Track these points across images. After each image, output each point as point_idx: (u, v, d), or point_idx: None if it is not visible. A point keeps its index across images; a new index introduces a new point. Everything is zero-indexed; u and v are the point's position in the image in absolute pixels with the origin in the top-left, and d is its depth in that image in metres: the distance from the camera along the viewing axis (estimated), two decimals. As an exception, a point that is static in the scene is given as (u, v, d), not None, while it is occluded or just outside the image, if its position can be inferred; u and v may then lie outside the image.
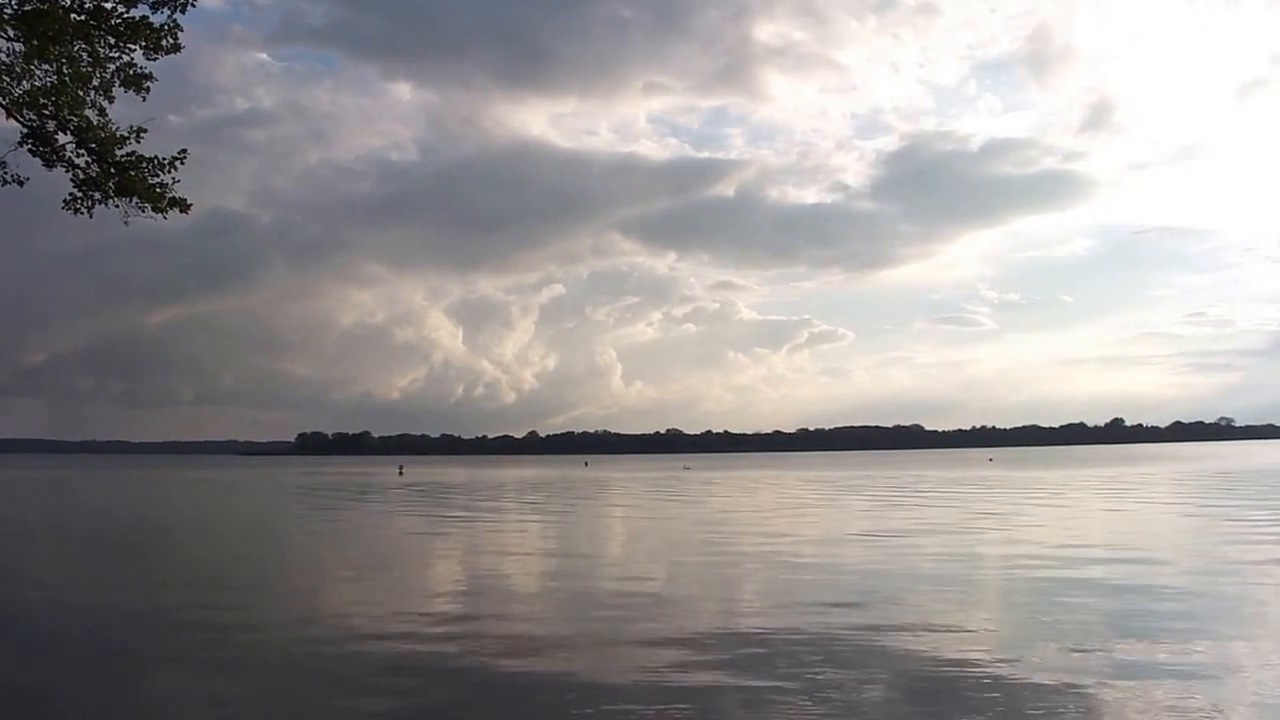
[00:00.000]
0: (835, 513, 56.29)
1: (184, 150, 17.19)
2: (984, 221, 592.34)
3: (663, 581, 27.83)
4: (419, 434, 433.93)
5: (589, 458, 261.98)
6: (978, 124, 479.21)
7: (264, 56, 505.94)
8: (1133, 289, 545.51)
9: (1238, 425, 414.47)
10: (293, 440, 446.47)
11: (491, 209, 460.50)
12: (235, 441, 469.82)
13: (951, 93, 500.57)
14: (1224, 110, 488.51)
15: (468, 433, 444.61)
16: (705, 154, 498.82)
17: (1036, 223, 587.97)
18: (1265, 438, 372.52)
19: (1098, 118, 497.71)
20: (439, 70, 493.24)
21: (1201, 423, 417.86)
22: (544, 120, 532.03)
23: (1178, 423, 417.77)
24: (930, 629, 19.57)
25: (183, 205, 17.50)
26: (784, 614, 21.52)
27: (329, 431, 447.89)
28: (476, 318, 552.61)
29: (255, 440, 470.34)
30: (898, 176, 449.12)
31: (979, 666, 16.27)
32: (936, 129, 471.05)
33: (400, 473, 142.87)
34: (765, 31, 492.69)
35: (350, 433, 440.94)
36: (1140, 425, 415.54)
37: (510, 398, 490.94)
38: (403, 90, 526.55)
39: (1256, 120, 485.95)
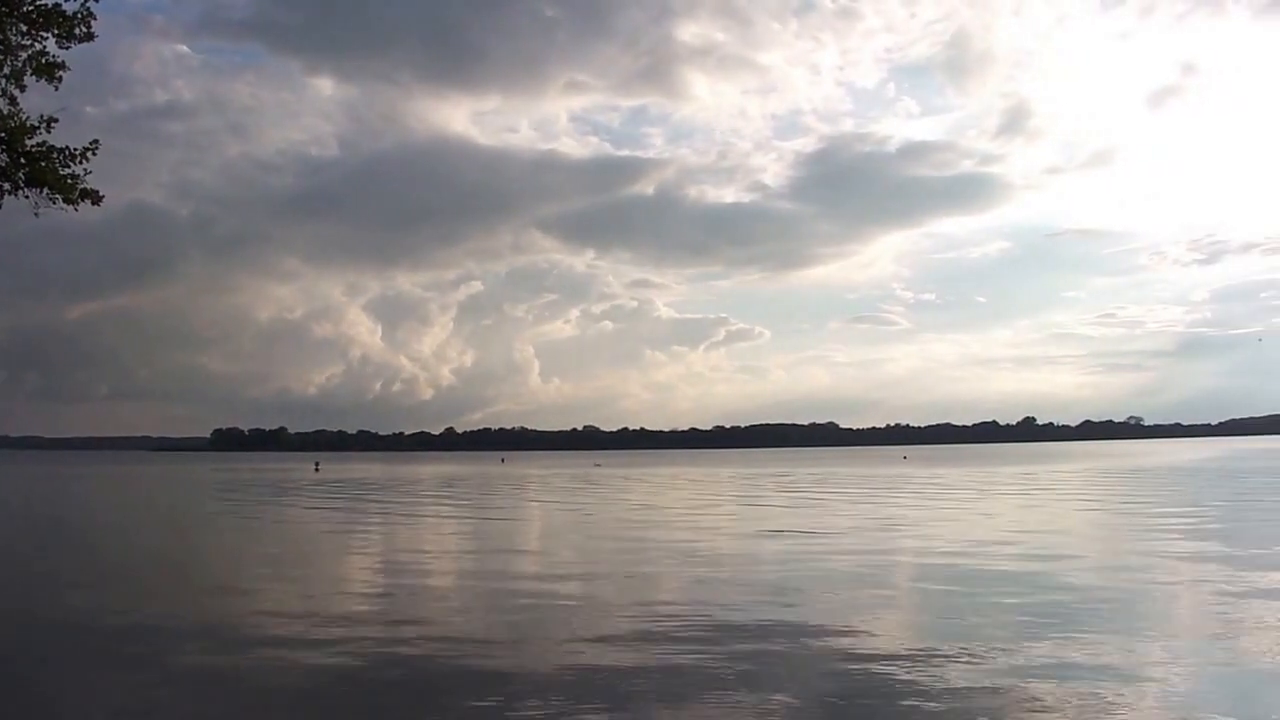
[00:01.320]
0: (748, 510, 56.12)
1: (95, 141, 16.90)
2: (901, 223, 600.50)
3: (576, 578, 27.79)
4: (336, 430, 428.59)
5: (505, 454, 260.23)
6: (896, 126, 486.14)
7: (184, 48, 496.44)
8: (1046, 290, 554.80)
9: (1146, 424, 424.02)
10: (208, 436, 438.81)
11: (411, 205, 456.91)
12: (150, 437, 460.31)
13: (871, 95, 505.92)
14: (1136, 117, 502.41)
15: (385, 429, 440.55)
16: (625, 152, 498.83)
17: (952, 224, 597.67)
18: (1172, 436, 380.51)
19: (1014, 122, 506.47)
20: (362, 65, 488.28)
21: (1111, 421, 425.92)
22: (466, 117, 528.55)
23: (1088, 421, 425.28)
24: (842, 627, 19.62)
25: (94, 197, 17.19)
26: (697, 611, 21.53)
27: (245, 428, 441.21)
28: (395, 314, 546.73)
29: (171, 436, 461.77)
30: (816, 177, 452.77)
31: (889, 664, 16.32)
32: (855, 131, 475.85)
33: (316, 469, 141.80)
34: (687, 32, 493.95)
35: (266, 429, 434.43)
36: (1051, 424, 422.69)
37: (428, 394, 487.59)
38: (324, 85, 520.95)
39: (1167, 128, 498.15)
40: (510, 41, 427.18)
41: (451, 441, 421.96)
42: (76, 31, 16.47)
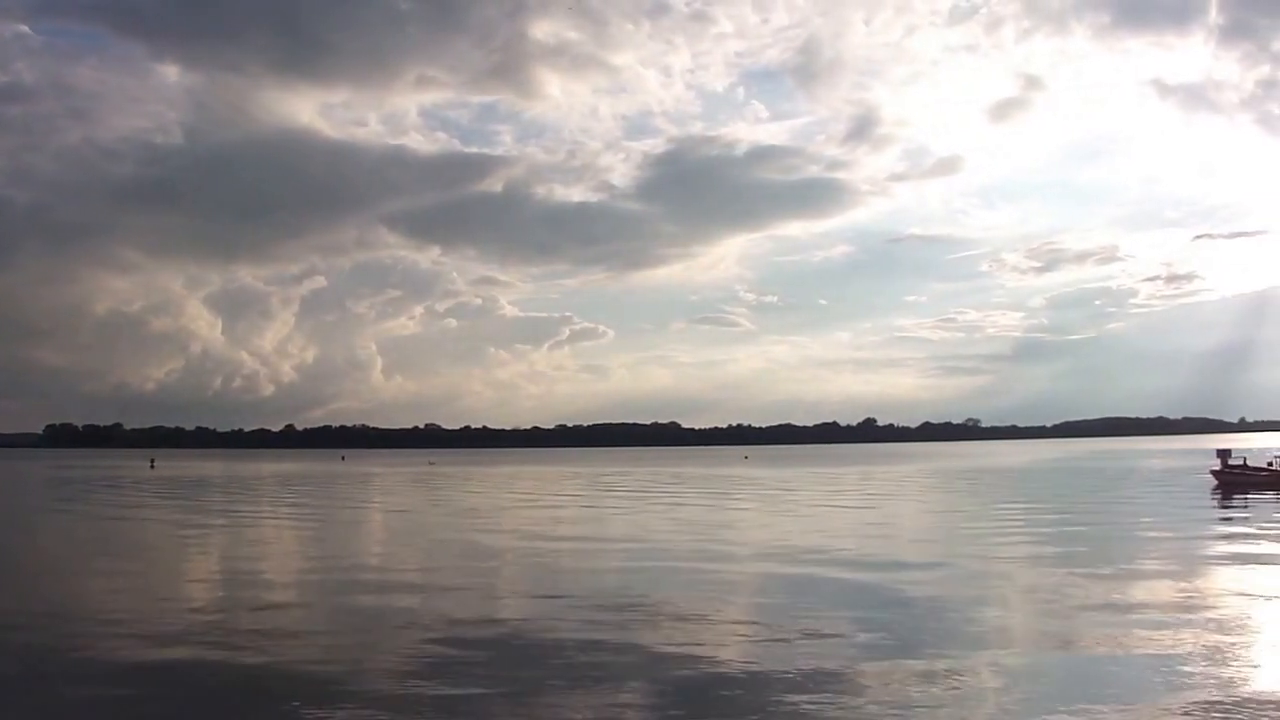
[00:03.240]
0: (586, 510, 56.08)
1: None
2: (746, 225, 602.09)
3: (414, 578, 27.92)
4: (174, 427, 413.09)
5: (346, 452, 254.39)
6: (745, 130, 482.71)
7: (25, 29, 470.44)
8: (887, 294, 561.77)
9: (984, 426, 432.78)
10: (40, 432, 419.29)
11: (255, 197, 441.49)
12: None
13: (721, 99, 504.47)
14: (980, 127, 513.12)
15: (224, 425, 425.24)
16: (474, 149, 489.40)
17: (797, 228, 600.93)
18: (1009, 438, 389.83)
19: (861, 129, 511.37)
20: (209, 53, 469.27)
21: (950, 423, 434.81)
22: (314, 109, 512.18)
23: (927, 423, 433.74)
24: (677, 626, 19.64)
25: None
26: (535, 610, 21.81)
27: (79, 424, 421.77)
28: (236, 308, 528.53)
29: (1, 432, 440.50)
30: (664, 178, 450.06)
31: (723, 665, 16.25)
32: (704, 133, 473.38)
33: (152, 466, 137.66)
34: (541, 30, 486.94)
35: (102, 425, 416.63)
36: (892, 425, 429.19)
37: (268, 390, 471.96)
38: (170, 71, 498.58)
39: (1008, 138, 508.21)
40: (361, 34, 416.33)
41: (292, 439, 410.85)
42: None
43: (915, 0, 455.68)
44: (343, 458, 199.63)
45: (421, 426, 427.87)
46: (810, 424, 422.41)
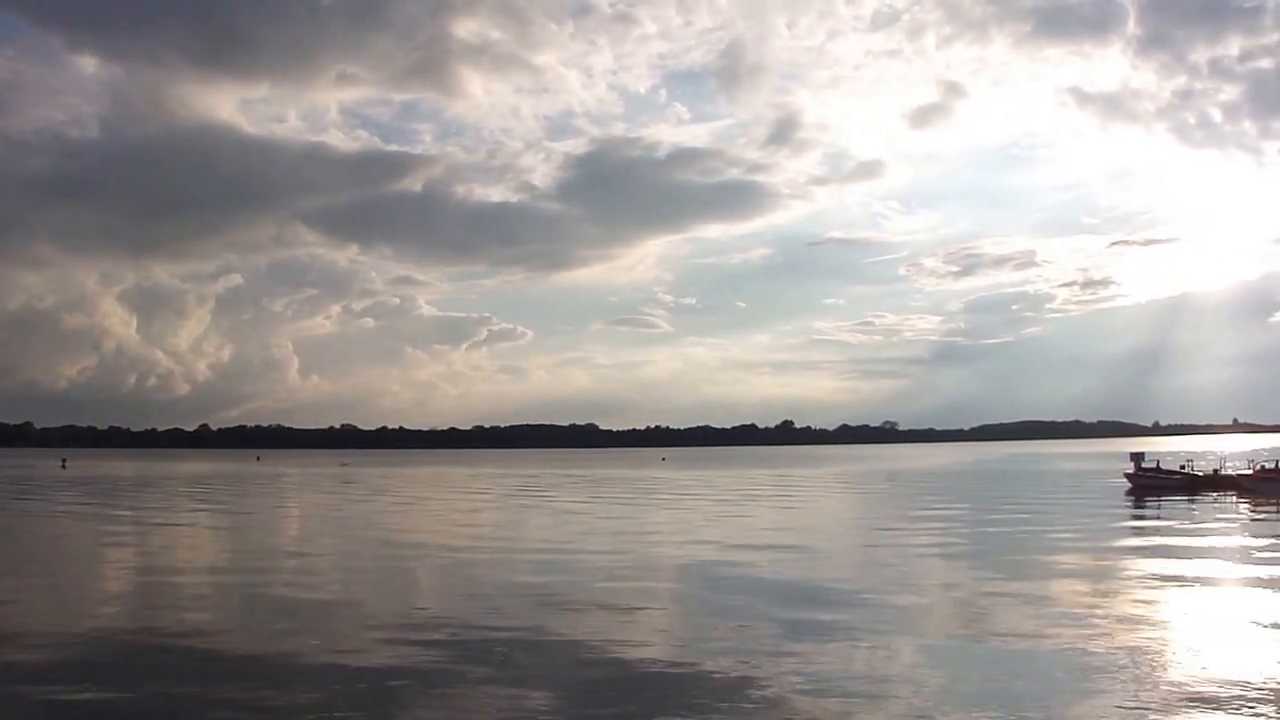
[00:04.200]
0: (501, 513, 55.32)
1: None
2: (666, 227, 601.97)
3: (328, 578, 28.14)
4: (86, 426, 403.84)
5: (261, 452, 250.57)
6: (666, 132, 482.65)
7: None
8: (806, 297, 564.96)
9: (901, 429, 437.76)
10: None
11: (172, 193, 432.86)
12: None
13: (643, 100, 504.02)
14: (900, 132, 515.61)
15: (138, 425, 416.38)
16: (394, 148, 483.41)
17: (717, 230, 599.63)
18: (926, 440, 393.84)
19: (782, 133, 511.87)
20: (128, 45, 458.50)
21: (868, 425, 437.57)
22: (233, 104, 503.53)
23: (845, 425, 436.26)
24: (598, 625, 19.69)
25: None
26: (453, 609, 21.87)
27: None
28: (151, 305, 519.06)
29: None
30: (585, 179, 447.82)
31: (643, 666, 16.26)
32: (625, 135, 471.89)
33: (63, 466, 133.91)
34: (464, 28, 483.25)
35: (11, 424, 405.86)
36: (809, 427, 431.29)
37: (183, 389, 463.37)
38: (88, 63, 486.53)
39: (928, 144, 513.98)
40: (282, 29, 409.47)
41: (206, 439, 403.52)
42: None
43: (838, 5, 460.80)
44: (258, 458, 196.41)
45: (338, 427, 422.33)
46: (728, 426, 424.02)
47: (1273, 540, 34.91)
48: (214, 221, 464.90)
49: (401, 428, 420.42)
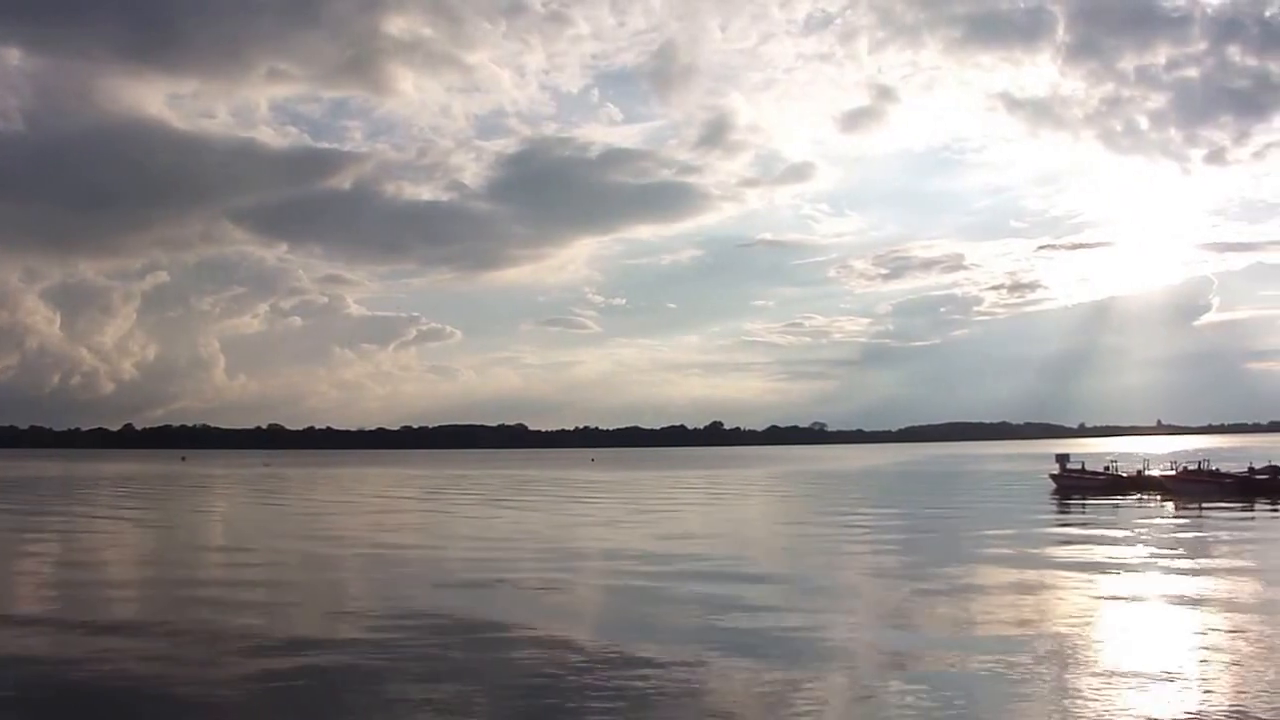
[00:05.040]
0: (434, 515, 54.54)
1: None
2: (596, 228, 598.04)
3: (255, 580, 27.77)
4: (7, 425, 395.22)
5: (187, 452, 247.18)
6: (598, 132, 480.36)
7: None
8: (736, 299, 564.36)
9: (830, 430, 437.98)
10: None
11: (99, 188, 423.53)
12: None
13: (575, 100, 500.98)
14: (831, 135, 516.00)
15: (60, 425, 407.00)
16: (325, 145, 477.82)
17: (647, 231, 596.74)
18: (855, 442, 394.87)
19: (714, 134, 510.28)
20: (54, 37, 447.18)
21: (796, 427, 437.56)
22: (162, 99, 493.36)
23: (774, 426, 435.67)
24: (533, 625, 19.72)
25: None
26: (376, 611, 21.83)
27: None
28: (75, 303, 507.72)
29: None
30: (515, 179, 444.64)
31: (572, 665, 16.33)
32: (557, 135, 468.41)
33: None
34: (396, 26, 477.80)
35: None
36: (738, 429, 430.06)
37: (108, 388, 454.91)
38: (12, 55, 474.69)
39: (859, 147, 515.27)
40: (212, 23, 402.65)
41: (130, 439, 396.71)
42: None
43: (771, 8, 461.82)
44: (183, 458, 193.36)
45: (264, 427, 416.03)
46: (657, 426, 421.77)
47: (1193, 541, 35.20)
48: (141, 218, 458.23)
49: (329, 428, 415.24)
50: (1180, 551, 31.77)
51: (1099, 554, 30.92)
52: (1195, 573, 26.80)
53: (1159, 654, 16.62)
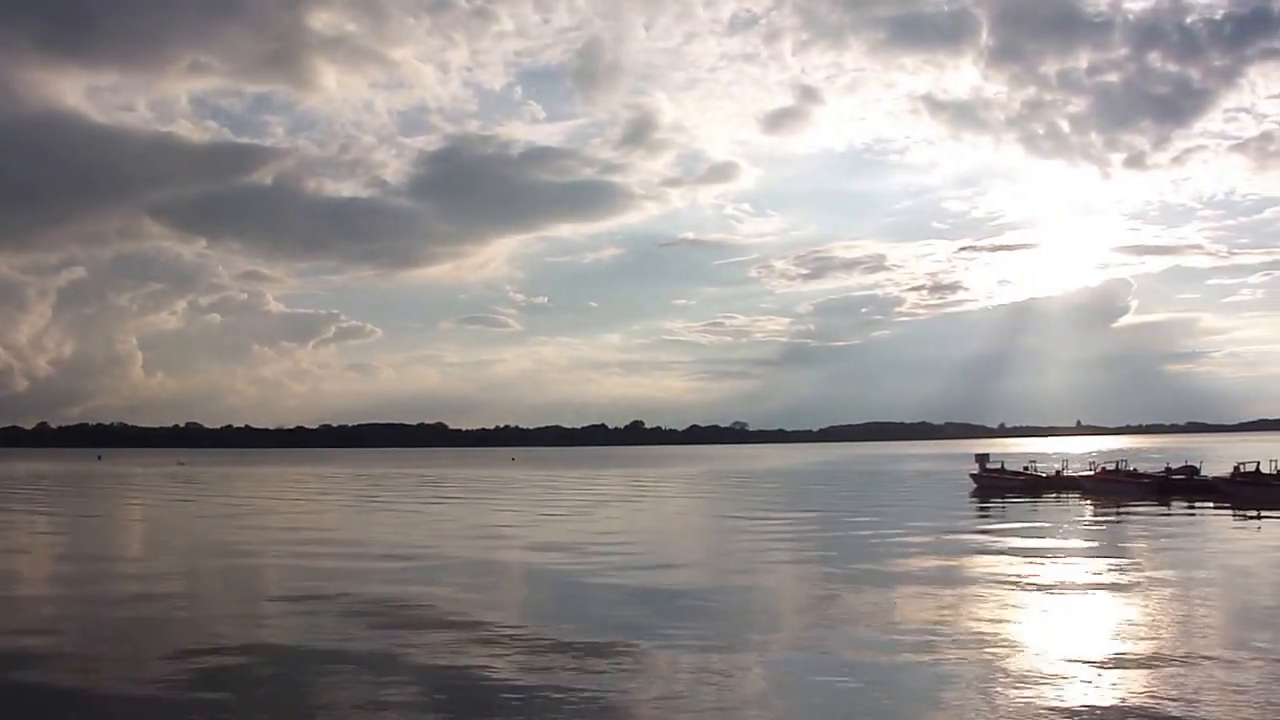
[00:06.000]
0: (354, 513, 54.69)
1: None
2: (518, 226, 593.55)
3: (170, 583, 27.38)
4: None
5: (103, 451, 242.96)
6: (521, 130, 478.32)
7: None
8: (657, 298, 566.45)
9: (751, 429, 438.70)
10: None
11: (13, 182, 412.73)
12: None
13: (498, 98, 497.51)
14: (754, 135, 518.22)
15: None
16: (246, 140, 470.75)
17: (569, 230, 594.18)
18: (775, 441, 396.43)
19: (637, 133, 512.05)
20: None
21: (717, 426, 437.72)
22: (80, 92, 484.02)
23: (695, 426, 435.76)
24: (450, 626, 19.68)
25: None
26: (290, 614, 21.56)
27: None
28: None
29: None
30: (437, 176, 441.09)
31: (495, 669, 16.14)
32: (480, 132, 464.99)
33: None
34: (319, 20, 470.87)
35: None
36: (659, 427, 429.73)
37: (22, 385, 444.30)
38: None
39: (781, 148, 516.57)
40: (133, 15, 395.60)
41: (45, 438, 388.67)
42: None
43: (696, 8, 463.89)
44: (99, 457, 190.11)
45: (182, 425, 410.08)
46: (578, 425, 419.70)
47: (1110, 540, 35.73)
48: (57, 212, 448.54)
49: (248, 426, 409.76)
50: (1097, 549, 32.23)
51: (1018, 553, 30.98)
52: (1112, 570, 27.16)
53: (1077, 648, 16.95)
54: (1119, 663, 15.97)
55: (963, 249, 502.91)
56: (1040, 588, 24.32)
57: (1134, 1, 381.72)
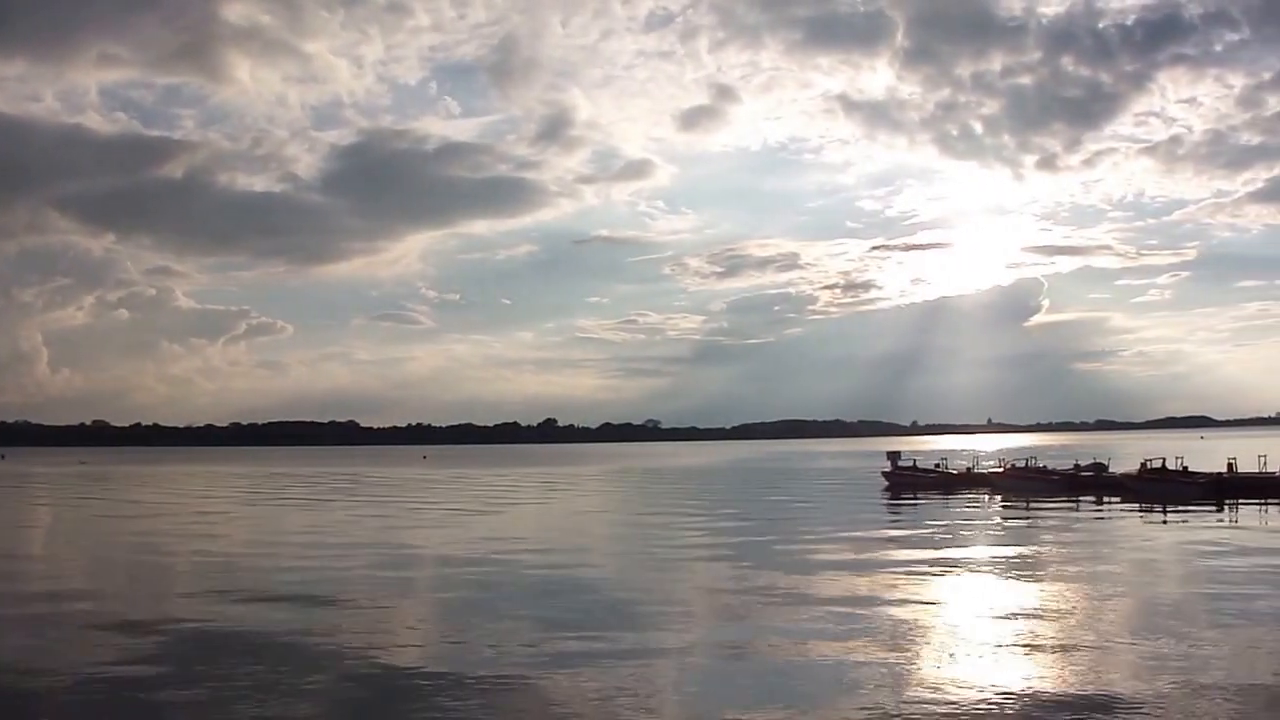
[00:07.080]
0: (260, 512, 54.34)
1: None
2: (431, 222, 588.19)
3: (79, 580, 27.41)
4: None
5: (6, 449, 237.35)
6: (436, 125, 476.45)
7: None
8: (570, 295, 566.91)
9: (664, 427, 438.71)
10: None
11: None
12: None
13: (412, 92, 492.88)
14: (669, 133, 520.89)
15: None
16: (156, 133, 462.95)
17: (483, 226, 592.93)
18: (688, 439, 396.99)
19: (552, 130, 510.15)
20: None
21: (630, 424, 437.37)
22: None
23: (608, 424, 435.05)
24: (364, 628, 19.19)
25: None
26: (210, 611, 21.20)
27: None
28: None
29: None
30: (350, 171, 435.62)
31: (412, 667, 15.80)
32: (394, 127, 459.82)
33: None
34: (233, 12, 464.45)
35: None
36: (572, 426, 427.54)
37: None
38: None
39: (696, 146, 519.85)
40: (41, 4, 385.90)
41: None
42: None
43: (613, 5, 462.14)
44: (1, 456, 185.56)
45: (89, 424, 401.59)
46: (491, 424, 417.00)
47: (1019, 534, 36.32)
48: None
49: (156, 424, 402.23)
50: (1008, 543, 32.77)
51: (929, 548, 31.23)
52: (1021, 563, 27.60)
53: (988, 638, 17.35)
54: (1033, 648, 16.41)
55: (876, 248, 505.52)
56: (949, 580, 24.72)
57: (1048, 6, 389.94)
